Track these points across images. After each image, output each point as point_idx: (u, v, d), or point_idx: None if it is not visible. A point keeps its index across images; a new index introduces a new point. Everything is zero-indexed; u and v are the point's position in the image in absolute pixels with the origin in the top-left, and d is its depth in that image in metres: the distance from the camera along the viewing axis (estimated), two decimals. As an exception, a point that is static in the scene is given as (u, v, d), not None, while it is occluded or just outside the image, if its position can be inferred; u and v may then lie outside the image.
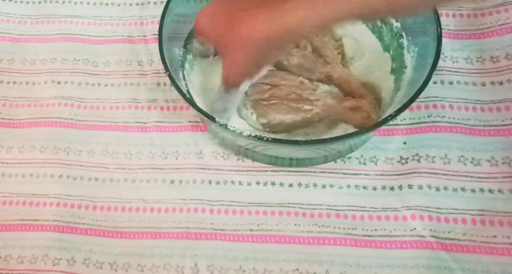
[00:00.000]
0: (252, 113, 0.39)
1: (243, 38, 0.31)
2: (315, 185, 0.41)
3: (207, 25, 0.34)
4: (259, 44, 0.31)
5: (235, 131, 0.33)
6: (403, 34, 0.41)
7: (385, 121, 0.33)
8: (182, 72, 0.41)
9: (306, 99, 0.39)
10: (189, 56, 0.43)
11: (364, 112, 0.38)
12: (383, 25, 0.43)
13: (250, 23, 0.31)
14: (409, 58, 0.40)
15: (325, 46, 0.41)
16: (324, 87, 0.40)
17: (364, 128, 0.34)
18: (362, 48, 0.43)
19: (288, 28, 0.30)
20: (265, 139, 0.32)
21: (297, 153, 0.40)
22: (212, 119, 0.34)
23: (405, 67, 0.39)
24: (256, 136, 0.33)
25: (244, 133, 0.33)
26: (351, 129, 0.38)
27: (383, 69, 0.42)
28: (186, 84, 0.40)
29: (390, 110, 0.35)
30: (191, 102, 0.35)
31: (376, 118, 0.38)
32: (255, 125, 0.40)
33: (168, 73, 0.36)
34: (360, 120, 0.38)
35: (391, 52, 0.42)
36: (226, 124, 0.33)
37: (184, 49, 0.42)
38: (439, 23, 0.35)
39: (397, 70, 0.41)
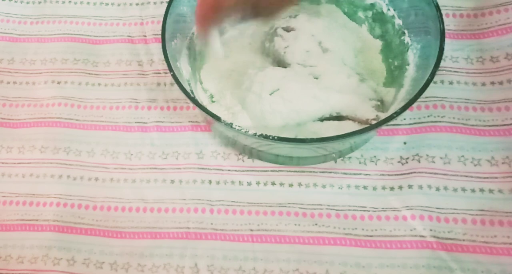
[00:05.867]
0: None
1: None
2: (315, 185, 0.41)
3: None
4: None
5: (240, 130, 0.33)
6: (405, 31, 0.41)
7: (390, 118, 0.33)
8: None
9: None
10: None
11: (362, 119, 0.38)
12: (385, 23, 0.43)
13: None
14: (411, 56, 0.40)
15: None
16: None
17: (373, 124, 0.34)
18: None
19: None
20: (270, 137, 0.32)
21: (298, 152, 0.40)
22: (217, 118, 0.34)
23: (408, 64, 0.39)
24: (261, 135, 0.33)
25: (250, 132, 0.33)
26: (356, 127, 0.38)
27: (384, 69, 0.42)
28: (189, 84, 0.40)
29: (393, 108, 0.35)
30: (196, 102, 0.35)
31: (380, 116, 0.38)
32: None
33: (172, 73, 0.36)
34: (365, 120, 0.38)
35: (393, 50, 0.42)
36: (231, 123, 0.33)
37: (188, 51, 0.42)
38: (442, 20, 0.35)
39: (400, 67, 0.41)
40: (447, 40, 0.35)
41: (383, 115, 0.37)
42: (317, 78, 0.40)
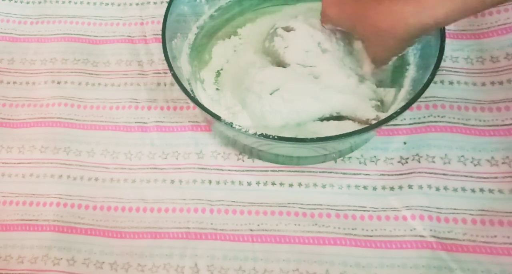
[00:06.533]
0: None
1: (384, 32, 0.32)
2: (315, 185, 0.41)
3: (336, 15, 0.35)
4: (404, 39, 0.31)
5: (240, 129, 0.33)
6: None
7: (390, 118, 0.33)
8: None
9: None
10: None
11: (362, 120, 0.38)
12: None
13: (390, 17, 0.31)
14: (412, 55, 0.40)
15: None
16: None
17: (373, 124, 0.34)
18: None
19: (435, 21, 0.29)
20: (271, 137, 0.32)
21: (298, 152, 0.40)
22: (218, 118, 0.34)
23: (408, 64, 0.39)
24: (262, 134, 0.33)
25: (250, 132, 0.33)
26: (356, 127, 0.38)
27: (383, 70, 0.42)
28: (189, 84, 0.40)
29: (393, 108, 0.35)
30: (196, 101, 0.35)
31: (381, 116, 0.38)
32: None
33: (172, 72, 0.36)
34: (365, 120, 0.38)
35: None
36: (232, 123, 0.33)
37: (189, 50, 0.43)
38: None
39: (400, 67, 0.41)
40: (447, 40, 0.35)
41: (383, 115, 0.37)
42: (317, 78, 0.40)
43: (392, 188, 0.40)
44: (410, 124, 0.42)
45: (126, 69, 0.48)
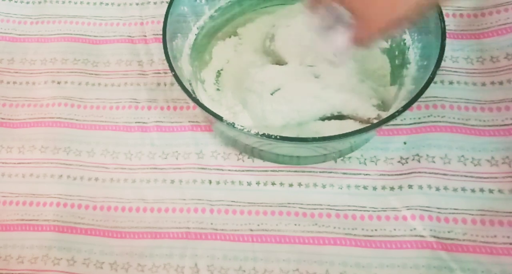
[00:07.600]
0: None
1: (381, 6, 0.29)
2: (315, 185, 0.41)
3: None
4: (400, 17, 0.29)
5: (242, 129, 0.33)
6: (406, 31, 0.41)
7: (392, 117, 0.33)
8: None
9: None
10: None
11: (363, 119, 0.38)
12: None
13: None
14: (412, 54, 0.40)
15: None
16: None
17: (375, 123, 0.34)
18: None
19: None
20: (272, 137, 0.32)
21: (298, 151, 0.40)
22: (219, 118, 0.34)
23: (409, 63, 0.40)
24: (264, 134, 0.33)
25: (252, 132, 0.33)
26: (357, 126, 0.38)
27: (384, 69, 0.42)
28: (190, 84, 0.40)
29: (395, 107, 0.35)
30: (197, 101, 0.35)
31: (382, 115, 0.38)
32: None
33: (173, 73, 0.36)
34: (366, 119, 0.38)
35: (394, 49, 0.42)
36: (233, 123, 0.33)
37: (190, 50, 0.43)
38: (443, 18, 0.35)
39: (401, 66, 0.41)
40: (447, 40, 0.35)
41: (384, 114, 0.37)
42: (317, 78, 0.40)
43: (392, 188, 0.40)
44: (410, 124, 0.42)
45: (126, 69, 0.48)
